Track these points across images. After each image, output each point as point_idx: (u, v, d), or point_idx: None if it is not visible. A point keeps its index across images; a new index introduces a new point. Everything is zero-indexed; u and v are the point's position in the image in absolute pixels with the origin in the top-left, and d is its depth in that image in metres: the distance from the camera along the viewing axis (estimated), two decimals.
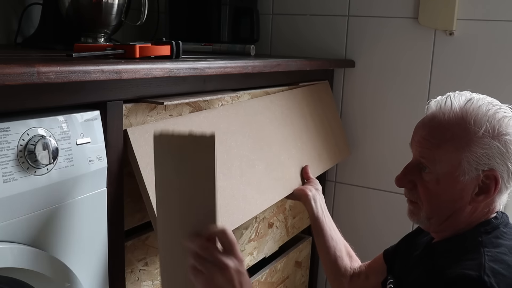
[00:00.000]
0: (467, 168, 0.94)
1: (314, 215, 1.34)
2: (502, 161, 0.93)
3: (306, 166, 1.45)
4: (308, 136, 1.52)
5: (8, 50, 1.25)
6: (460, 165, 0.94)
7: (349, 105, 1.84)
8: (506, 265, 0.89)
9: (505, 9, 1.56)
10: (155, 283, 1.09)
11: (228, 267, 0.83)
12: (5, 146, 0.76)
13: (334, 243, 1.31)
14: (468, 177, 0.94)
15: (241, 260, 0.86)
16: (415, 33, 1.69)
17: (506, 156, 0.93)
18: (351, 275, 1.29)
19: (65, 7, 1.28)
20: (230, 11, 1.75)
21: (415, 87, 1.72)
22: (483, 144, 0.93)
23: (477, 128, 0.93)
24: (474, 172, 0.94)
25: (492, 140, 0.93)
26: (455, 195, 0.96)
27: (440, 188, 0.97)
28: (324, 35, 1.85)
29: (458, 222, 0.98)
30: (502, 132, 0.94)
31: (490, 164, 0.93)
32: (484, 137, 0.93)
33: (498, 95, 1.58)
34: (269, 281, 1.54)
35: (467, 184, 0.95)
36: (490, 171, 0.93)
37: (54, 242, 0.85)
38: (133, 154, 0.95)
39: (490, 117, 0.94)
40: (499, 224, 0.96)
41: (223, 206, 1.09)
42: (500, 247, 0.92)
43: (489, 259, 0.89)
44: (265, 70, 1.28)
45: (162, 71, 0.95)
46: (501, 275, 0.87)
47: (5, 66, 0.68)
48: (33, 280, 0.83)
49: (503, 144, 0.93)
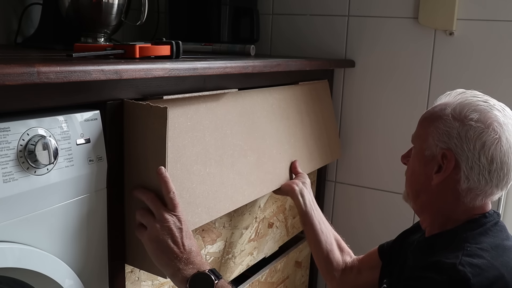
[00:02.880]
0: (431, 143, 0.98)
1: (302, 210, 1.34)
2: (460, 145, 0.94)
3: (295, 161, 1.44)
4: (302, 133, 1.52)
5: (8, 50, 1.25)
6: (427, 139, 0.99)
7: (349, 105, 1.84)
8: (485, 260, 0.89)
9: (505, 9, 1.56)
10: (155, 283, 1.09)
11: (170, 223, 0.92)
12: (5, 146, 0.76)
13: (324, 237, 1.31)
14: (430, 152, 0.98)
15: (183, 222, 0.94)
16: (415, 33, 1.69)
17: (464, 141, 0.94)
18: (342, 269, 1.29)
19: (65, 7, 1.28)
20: (230, 11, 1.75)
21: (415, 87, 1.72)
22: (446, 122, 0.96)
23: (448, 107, 0.98)
24: (435, 148, 0.98)
25: (454, 121, 0.96)
26: (421, 170, 1.01)
27: (413, 162, 1.04)
28: (324, 35, 1.85)
29: (432, 208, 1.01)
30: (468, 117, 0.95)
31: (449, 144, 0.96)
32: (449, 115, 0.97)
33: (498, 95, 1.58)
34: (269, 281, 1.54)
35: (429, 160, 0.99)
36: (447, 151, 0.96)
37: (54, 242, 0.85)
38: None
39: (466, 103, 0.97)
40: (487, 223, 0.97)
41: (211, 193, 1.11)
42: (482, 244, 0.93)
43: (467, 253, 0.90)
44: (265, 70, 1.28)
45: (162, 71, 0.95)
46: (478, 268, 0.87)
47: (5, 66, 0.68)
48: (33, 280, 0.83)
49: (464, 128, 0.94)
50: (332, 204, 1.92)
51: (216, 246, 1.27)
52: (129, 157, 0.98)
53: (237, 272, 1.38)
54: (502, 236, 0.96)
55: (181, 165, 1.02)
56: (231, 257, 1.34)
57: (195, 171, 1.07)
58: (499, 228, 0.98)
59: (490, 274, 0.87)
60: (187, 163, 1.04)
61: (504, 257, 0.92)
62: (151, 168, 0.95)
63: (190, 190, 1.05)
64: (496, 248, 0.92)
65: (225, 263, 1.32)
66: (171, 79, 1.03)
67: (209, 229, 1.23)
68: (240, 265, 1.39)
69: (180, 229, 0.94)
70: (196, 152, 1.08)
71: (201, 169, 1.08)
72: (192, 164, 1.06)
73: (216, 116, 1.16)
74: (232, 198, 1.18)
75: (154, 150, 0.95)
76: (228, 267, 1.34)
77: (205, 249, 1.23)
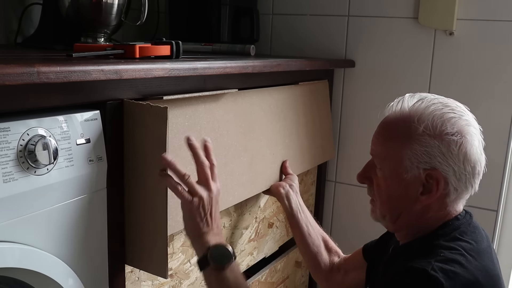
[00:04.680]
0: (409, 166, 0.93)
1: (288, 213, 1.35)
2: (445, 161, 0.91)
3: (285, 161, 1.44)
4: (297, 134, 1.52)
5: (8, 50, 1.25)
6: (402, 162, 0.94)
7: (349, 105, 1.84)
8: (459, 264, 0.87)
9: (505, 9, 1.56)
10: (155, 283, 1.09)
11: (202, 196, 0.97)
12: (5, 146, 0.76)
13: (312, 239, 1.32)
14: (410, 174, 0.94)
15: (214, 191, 0.99)
16: (415, 33, 1.69)
17: (448, 156, 0.91)
18: (330, 269, 1.30)
19: (65, 7, 1.28)
20: (230, 11, 1.75)
21: (415, 87, 1.71)
22: (423, 142, 0.92)
23: (418, 125, 0.93)
24: (416, 170, 0.93)
25: (432, 139, 0.92)
26: (401, 193, 0.96)
27: (388, 185, 0.98)
28: (324, 35, 1.85)
29: (412, 223, 0.97)
30: (445, 131, 0.92)
31: (432, 163, 0.92)
32: (424, 134, 0.92)
33: (498, 95, 1.59)
34: (269, 281, 1.54)
35: (410, 182, 0.94)
36: (432, 170, 0.92)
37: (54, 242, 0.85)
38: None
39: (435, 116, 0.93)
40: (460, 225, 0.95)
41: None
42: (455, 249, 0.91)
43: (440, 259, 0.88)
44: (265, 70, 1.28)
45: (162, 71, 0.95)
46: (452, 273, 0.86)
47: (5, 66, 0.68)
48: (33, 280, 0.83)
49: (445, 144, 0.91)
50: (332, 204, 1.92)
51: None
52: (129, 157, 0.98)
53: None
54: (477, 238, 0.94)
55: None
56: None
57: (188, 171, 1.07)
58: (472, 229, 0.95)
59: (464, 278, 0.86)
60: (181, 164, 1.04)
61: (479, 260, 0.90)
62: (151, 168, 0.95)
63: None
64: (470, 252, 0.90)
65: None
66: (171, 79, 1.03)
67: None
68: (240, 265, 1.39)
69: (211, 200, 0.98)
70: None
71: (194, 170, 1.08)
72: (186, 165, 1.06)
73: (214, 116, 1.16)
74: (222, 198, 1.18)
75: (154, 150, 0.95)
76: None
77: None
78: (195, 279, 1.21)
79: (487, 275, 0.90)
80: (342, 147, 1.87)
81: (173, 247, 1.11)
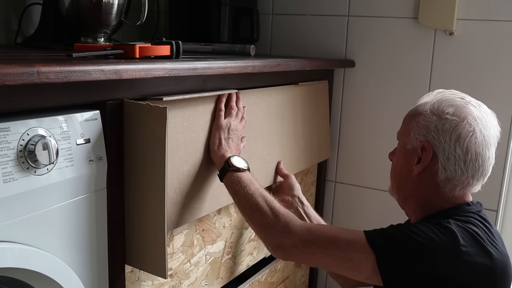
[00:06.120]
0: (412, 137, 1.06)
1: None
2: (437, 137, 1.02)
3: (279, 162, 1.43)
4: (295, 134, 1.52)
5: (8, 50, 1.25)
6: (409, 134, 1.07)
7: (349, 105, 1.84)
8: (473, 225, 0.98)
9: (505, 9, 1.56)
10: (155, 283, 1.09)
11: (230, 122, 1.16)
12: (5, 146, 0.76)
13: None
14: (411, 146, 1.06)
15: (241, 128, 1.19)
16: (415, 33, 1.69)
17: (441, 134, 1.02)
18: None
19: (65, 7, 1.28)
20: (230, 11, 1.75)
21: (415, 87, 1.71)
22: (425, 117, 1.05)
23: (429, 105, 1.06)
24: (415, 141, 1.05)
25: (432, 115, 1.04)
26: (403, 163, 1.09)
27: (397, 157, 1.12)
28: (324, 35, 1.85)
29: (411, 197, 1.08)
30: (445, 111, 1.03)
31: (427, 137, 1.03)
32: (427, 110, 1.05)
33: (498, 95, 1.59)
34: (269, 281, 1.54)
35: (410, 153, 1.07)
36: (426, 143, 1.03)
37: (54, 242, 0.85)
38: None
39: (444, 99, 1.05)
40: (470, 210, 1.03)
41: (198, 193, 1.13)
42: (468, 223, 0.99)
43: (455, 220, 0.98)
44: (265, 70, 1.28)
45: (162, 71, 0.95)
46: (465, 229, 0.96)
47: (5, 66, 0.68)
48: (33, 280, 0.83)
49: (441, 121, 1.02)
50: (332, 204, 1.92)
51: (216, 246, 1.27)
52: (129, 157, 0.98)
53: (237, 272, 1.39)
54: (484, 236, 0.99)
55: (172, 166, 1.03)
56: (231, 257, 1.34)
57: (184, 171, 1.07)
58: (481, 219, 1.02)
59: (476, 234, 0.96)
60: (178, 164, 1.05)
61: (492, 237, 0.99)
62: (151, 168, 0.95)
63: (177, 190, 1.05)
64: (482, 229, 0.99)
65: (225, 263, 1.32)
66: (171, 79, 1.03)
67: (209, 229, 1.23)
68: (240, 265, 1.39)
69: (236, 131, 1.16)
70: (188, 152, 1.08)
71: (190, 170, 1.09)
72: (183, 165, 1.07)
73: (213, 117, 1.16)
74: (217, 198, 1.18)
75: (153, 150, 0.95)
76: (228, 267, 1.34)
77: (205, 249, 1.23)
78: (195, 279, 1.21)
79: (501, 253, 0.98)
80: (342, 147, 1.87)
81: (173, 247, 1.11)
